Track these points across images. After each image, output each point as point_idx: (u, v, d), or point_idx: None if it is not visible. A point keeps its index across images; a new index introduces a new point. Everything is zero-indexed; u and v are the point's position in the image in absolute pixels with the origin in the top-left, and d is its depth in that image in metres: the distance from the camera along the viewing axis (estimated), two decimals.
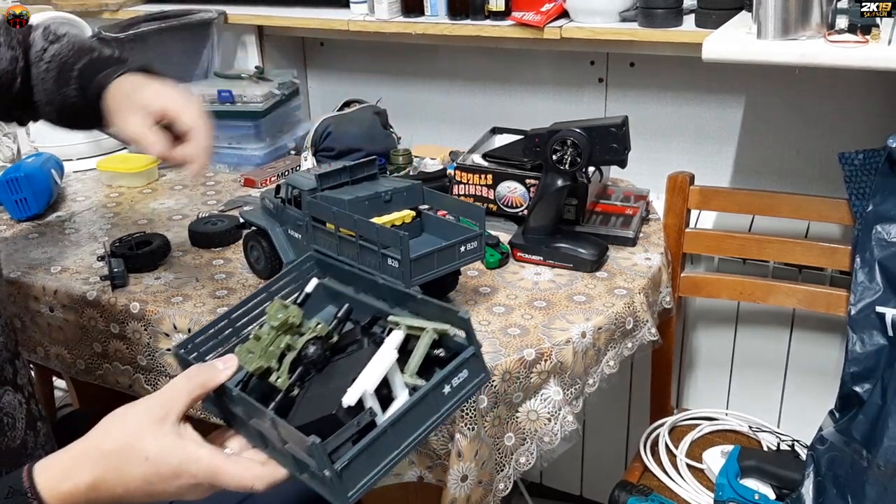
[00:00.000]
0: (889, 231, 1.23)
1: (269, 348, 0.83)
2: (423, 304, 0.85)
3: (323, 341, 0.85)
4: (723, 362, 1.67)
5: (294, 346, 0.83)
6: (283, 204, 1.20)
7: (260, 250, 1.26)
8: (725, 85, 1.66)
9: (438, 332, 0.80)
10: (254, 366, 0.81)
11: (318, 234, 1.15)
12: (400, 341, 0.80)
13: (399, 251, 1.04)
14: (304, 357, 0.83)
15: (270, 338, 0.83)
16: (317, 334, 0.85)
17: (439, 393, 0.76)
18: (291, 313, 0.85)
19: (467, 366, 0.78)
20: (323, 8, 1.90)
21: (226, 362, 0.81)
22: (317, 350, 0.83)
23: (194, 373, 0.79)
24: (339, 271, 0.96)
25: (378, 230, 1.06)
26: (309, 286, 0.93)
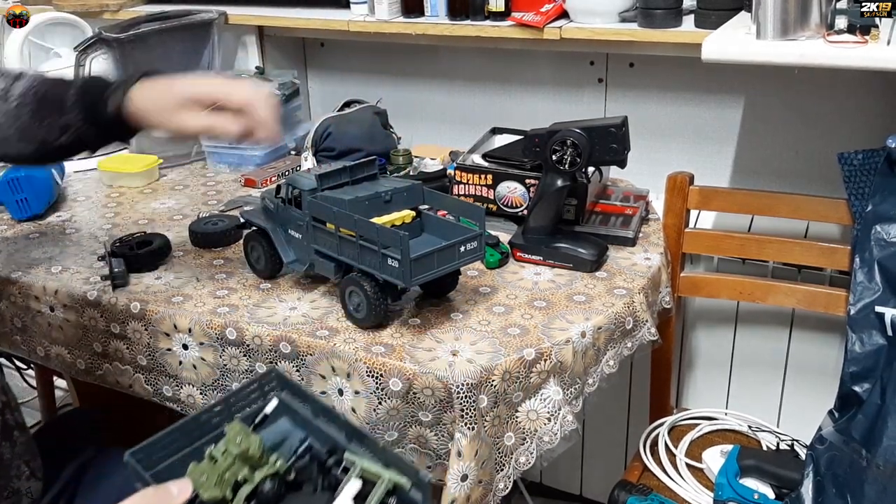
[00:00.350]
0: (888, 231, 1.24)
1: (224, 475, 0.82)
2: (381, 450, 0.86)
3: (280, 478, 0.85)
4: (722, 362, 1.67)
5: (250, 479, 0.83)
6: (284, 204, 1.20)
7: (260, 250, 1.26)
8: (725, 85, 1.66)
9: (394, 483, 0.81)
10: (208, 494, 0.81)
11: (319, 234, 1.15)
12: (356, 492, 0.81)
13: (399, 251, 1.04)
14: (259, 493, 0.83)
15: (227, 464, 0.83)
16: (276, 470, 0.85)
17: None
18: (252, 443, 0.85)
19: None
20: (323, 8, 1.90)
21: (181, 488, 0.80)
22: (272, 488, 0.83)
23: (149, 495, 0.78)
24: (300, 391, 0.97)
25: (378, 230, 1.07)
26: (269, 406, 0.94)
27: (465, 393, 1.03)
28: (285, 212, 1.21)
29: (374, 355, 1.08)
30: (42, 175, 1.58)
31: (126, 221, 1.54)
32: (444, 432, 1.07)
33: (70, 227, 1.53)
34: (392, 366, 1.06)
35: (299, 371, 1.14)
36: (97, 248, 1.42)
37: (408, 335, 1.13)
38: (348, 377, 1.10)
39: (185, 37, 1.85)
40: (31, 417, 2.37)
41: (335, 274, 1.17)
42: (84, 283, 1.30)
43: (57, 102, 1.11)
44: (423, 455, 1.10)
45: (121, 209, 1.60)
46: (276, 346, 1.14)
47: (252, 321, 1.17)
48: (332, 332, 1.14)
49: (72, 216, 1.58)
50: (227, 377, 1.21)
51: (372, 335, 1.13)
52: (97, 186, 1.73)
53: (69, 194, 1.70)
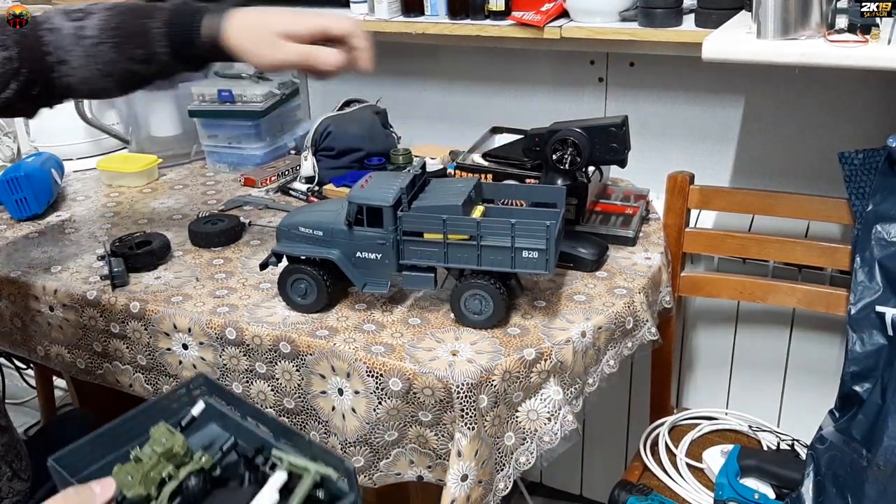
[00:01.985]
0: (889, 230, 1.24)
1: (149, 474, 0.82)
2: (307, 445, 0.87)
3: (205, 474, 0.85)
4: (722, 362, 1.67)
5: (175, 476, 0.83)
6: (350, 227, 1.14)
7: (310, 283, 1.17)
8: (725, 85, 1.66)
9: (321, 475, 0.83)
10: (132, 492, 0.81)
11: (411, 247, 1.12)
12: (282, 483, 0.82)
13: (544, 241, 1.07)
14: (184, 489, 0.83)
15: (152, 463, 0.83)
16: (201, 466, 0.85)
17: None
18: (176, 441, 0.85)
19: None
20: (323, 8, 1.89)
21: (103, 486, 0.79)
22: (198, 483, 0.84)
23: (71, 495, 0.77)
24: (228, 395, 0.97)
25: (514, 226, 1.07)
26: (196, 408, 0.94)
27: (465, 393, 1.03)
28: (353, 234, 1.14)
29: (374, 355, 1.08)
30: (41, 175, 1.58)
31: (125, 221, 1.54)
32: (444, 432, 1.07)
33: (69, 226, 1.53)
34: (392, 366, 1.06)
35: (299, 371, 1.14)
36: (97, 247, 1.42)
37: (408, 335, 1.13)
38: (348, 377, 1.10)
39: None
40: (31, 417, 2.37)
41: (433, 286, 1.15)
42: (83, 282, 1.30)
43: (140, 35, 1.09)
44: (423, 455, 1.10)
45: (120, 209, 1.60)
46: (276, 345, 1.14)
47: (252, 321, 1.17)
48: (331, 332, 1.14)
49: (71, 216, 1.58)
50: (226, 377, 1.20)
51: (372, 335, 1.13)
52: (97, 186, 1.73)
53: (69, 194, 1.69)
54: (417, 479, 1.12)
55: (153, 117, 1.84)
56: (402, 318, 1.17)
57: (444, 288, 1.19)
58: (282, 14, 1.08)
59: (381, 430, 1.09)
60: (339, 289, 1.20)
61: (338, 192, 1.57)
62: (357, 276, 1.16)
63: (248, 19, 1.08)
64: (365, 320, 1.17)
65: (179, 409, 0.93)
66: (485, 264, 1.10)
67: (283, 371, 1.15)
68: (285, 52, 1.06)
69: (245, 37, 1.07)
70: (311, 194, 1.60)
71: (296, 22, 1.07)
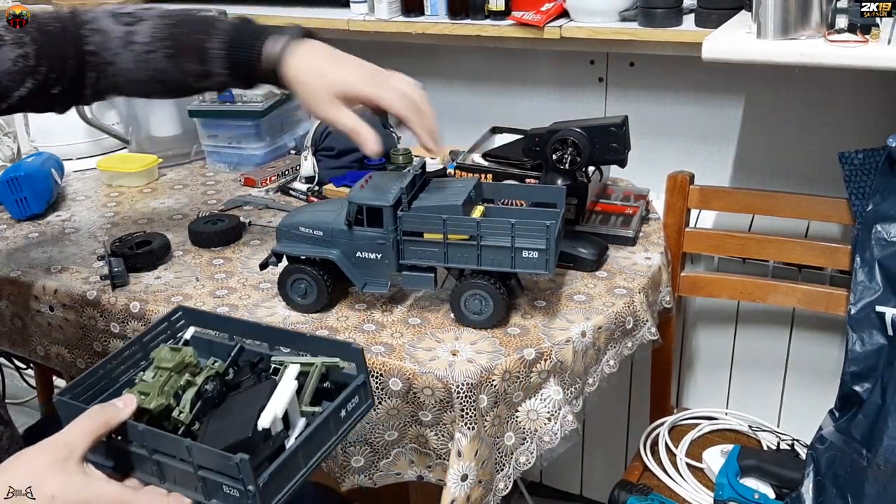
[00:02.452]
0: (889, 230, 1.24)
1: (164, 388, 0.85)
2: (312, 341, 0.91)
3: (220, 378, 0.88)
4: (723, 362, 1.67)
5: (193, 382, 0.86)
6: (350, 227, 1.14)
7: (310, 283, 1.17)
8: (725, 84, 1.66)
9: (327, 366, 0.88)
10: (154, 403, 0.84)
11: (411, 247, 1.12)
12: (296, 373, 0.86)
13: (544, 240, 1.07)
14: (203, 393, 0.86)
15: (164, 378, 0.86)
16: (216, 371, 0.88)
17: (337, 416, 0.83)
18: (186, 353, 0.88)
19: (357, 392, 0.86)
20: (323, 7, 1.90)
21: (125, 401, 0.81)
22: (216, 386, 0.87)
23: (97, 412, 0.79)
24: (211, 319, 0.98)
25: (514, 226, 1.07)
26: (187, 333, 0.95)
27: (465, 393, 1.03)
28: (353, 234, 1.14)
29: (374, 355, 1.08)
30: (41, 174, 1.58)
31: (125, 221, 1.54)
32: (444, 432, 1.07)
33: (69, 226, 1.53)
34: (392, 365, 1.06)
35: None
36: (96, 247, 1.42)
37: (408, 335, 1.13)
38: None
39: None
40: (31, 417, 2.37)
41: (433, 286, 1.15)
42: (83, 282, 1.30)
43: (197, 52, 1.09)
44: (423, 455, 1.10)
45: (120, 209, 1.60)
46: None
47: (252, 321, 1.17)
48: (332, 332, 1.14)
49: (71, 216, 1.58)
50: None
51: (372, 335, 1.13)
52: (96, 186, 1.73)
53: (68, 194, 1.69)
54: (417, 479, 1.12)
55: (153, 117, 1.84)
56: (402, 318, 1.17)
57: (444, 288, 1.19)
58: (344, 67, 1.08)
59: (381, 429, 1.09)
60: (339, 289, 1.20)
61: (338, 192, 1.57)
62: (357, 276, 1.16)
63: (310, 63, 1.07)
64: (365, 320, 1.17)
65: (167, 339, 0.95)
66: (485, 264, 1.10)
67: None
68: (335, 115, 1.06)
69: (301, 83, 1.07)
70: (311, 194, 1.60)
71: (354, 85, 1.07)
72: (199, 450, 0.76)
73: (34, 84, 1.08)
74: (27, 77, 1.07)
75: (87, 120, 1.80)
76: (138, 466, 0.81)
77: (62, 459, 0.75)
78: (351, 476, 1.12)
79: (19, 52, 1.06)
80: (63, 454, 0.75)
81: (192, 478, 0.78)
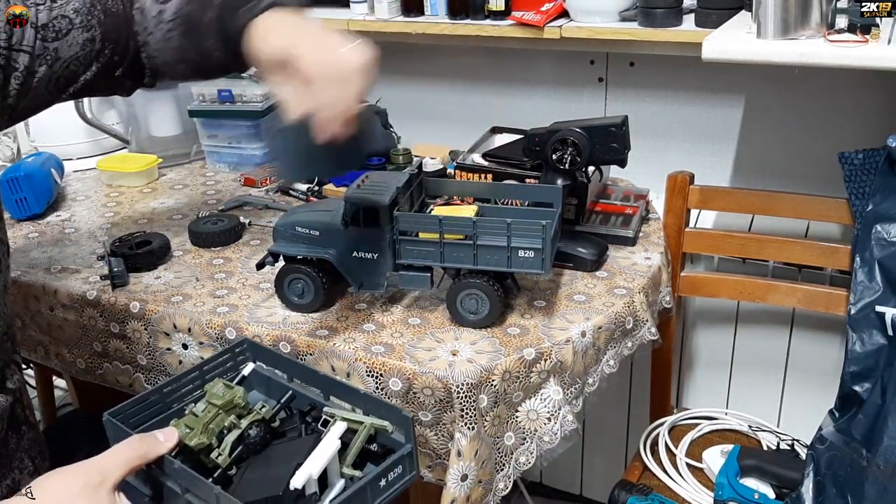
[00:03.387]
0: (889, 230, 1.23)
1: (209, 425, 0.85)
2: (363, 399, 0.89)
3: (265, 424, 0.87)
4: (722, 362, 1.67)
5: (238, 425, 0.86)
6: (346, 226, 1.13)
7: (307, 283, 1.17)
8: (725, 84, 1.66)
9: (376, 428, 0.86)
10: (195, 441, 0.83)
11: (408, 246, 1.12)
12: (342, 431, 0.85)
13: (540, 240, 1.06)
14: (245, 438, 0.85)
15: (211, 415, 0.85)
16: (262, 416, 0.88)
17: (376, 486, 0.81)
18: (237, 394, 0.88)
19: (402, 462, 0.84)
20: (323, 7, 1.90)
21: (167, 435, 0.81)
22: (259, 432, 0.86)
23: (136, 443, 0.79)
24: (273, 357, 0.97)
25: (510, 225, 1.07)
26: (246, 369, 0.95)
27: (465, 393, 1.03)
28: (349, 234, 1.13)
29: (374, 355, 1.08)
30: (41, 174, 1.58)
31: (125, 221, 1.54)
32: (444, 432, 1.07)
33: (69, 226, 1.53)
34: (392, 365, 1.06)
35: None
36: (96, 247, 1.42)
37: (408, 335, 1.13)
38: (348, 377, 1.10)
39: None
40: None
41: (430, 285, 1.15)
42: (83, 282, 1.30)
43: (196, 24, 1.03)
44: (423, 455, 1.10)
45: (120, 209, 1.60)
46: (276, 345, 1.14)
47: (252, 321, 1.17)
48: (331, 332, 1.14)
49: (71, 216, 1.58)
50: None
51: (371, 335, 1.13)
52: (96, 186, 1.73)
53: (68, 194, 1.69)
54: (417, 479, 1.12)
55: (153, 117, 1.84)
56: (401, 318, 1.17)
57: (442, 288, 1.19)
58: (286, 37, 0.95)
59: None
60: (337, 289, 1.20)
61: (338, 191, 1.57)
62: (354, 275, 1.16)
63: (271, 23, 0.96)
64: (364, 320, 1.17)
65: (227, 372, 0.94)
66: (481, 264, 1.10)
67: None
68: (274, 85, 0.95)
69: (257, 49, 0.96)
70: (310, 194, 1.60)
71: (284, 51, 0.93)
72: (227, 498, 0.76)
73: (99, 67, 1.06)
74: (94, 61, 1.05)
75: (87, 120, 1.80)
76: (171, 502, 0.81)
77: (94, 486, 0.75)
78: None
79: (87, 35, 1.04)
80: (96, 480, 0.75)
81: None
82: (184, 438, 0.83)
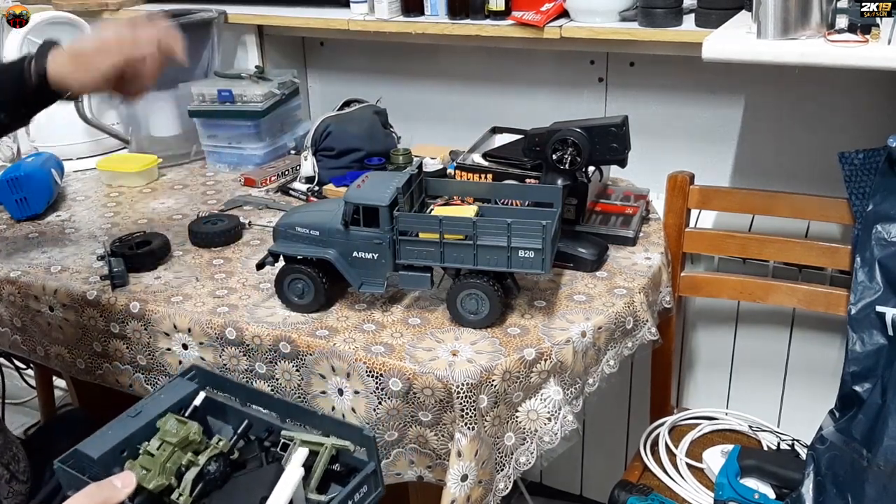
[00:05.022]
0: (889, 230, 1.23)
1: (166, 465, 0.82)
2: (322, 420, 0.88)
3: (224, 458, 0.85)
4: (723, 362, 1.67)
5: (195, 462, 0.84)
6: (346, 227, 1.14)
7: (307, 283, 1.17)
8: (725, 85, 1.66)
9: (337, 448, 0.84)
10: (153, 483, 0.81)
11: (407, 246, 1.12)
12: (304, 458, 0.83)
13: (540, 240, 1.06)
14: (205, 474, 0.83)
15: (167, 454, 0.83)
16: (220, 451, 0.86)
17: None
18: (191, 429, 0.85)
19: (367, 482, 0.83)
20: (323, 7, 1.90)
21: (124, 480, 0.79)
22: (218, 467, 0.84)
23: (94, 492, 0.77)
24: (223, 383, 0.96)
25: (510, 225, 1.07)
26: (197, 399, 0.93)
27: (465, 393, 1.03)
28: (350, 234, 1.13)
29: (374, 355, 1.08)
30: (41, 174, 1.58)
31: (125, 221, 1.54)
32: (444, 432, 1.07)
33: (69, 226, 1.53)
34: (392, 365, 1.06)
35: (299, 371, 1.14)
36: (96, 247, 1.42)
37: (408, 335, 1.13)
38: (348, 377, 1.10)
39: (184, 36, 1.84)
40: (31, 417, 2.37)
41: (430, 285, 1.15)
42: (83, 282, 1.30)
43: None
44: (423, 455, 1.10)
45: (120, 209, 1.60)
46: (276, 345, 1.14)
47: (252, 321, 1.17)
48: (331, 332, 1.14)
49: (71, 216, 1.58)
50: None
51: (372, 335, 1.13)
52: (96, 186, 1.73)
53: (68, 194, 1.69)
54: (417, 479, 1.12)
55: (153, 117, 1.84)
56: (401, 318, 1.17)
57: (442, 288, 1.19)
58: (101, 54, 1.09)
59: (381, 430, 1.09)
60: (337, 289, 1.20)
61: (338, 192, 1.57)
62: (354, 275, 1.16)
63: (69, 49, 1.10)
64: (365, 320, 1.17)
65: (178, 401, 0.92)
66: (481, 264, 1.10)
67: (283, 371, 1.15)
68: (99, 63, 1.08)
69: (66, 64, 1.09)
70: (310, 194, 1.60)
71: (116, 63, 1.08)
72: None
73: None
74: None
75: (87, 120, 1.80)
76: None
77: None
78: None
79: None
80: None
81: None
82: (141, 481, 0.80)
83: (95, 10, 2.05)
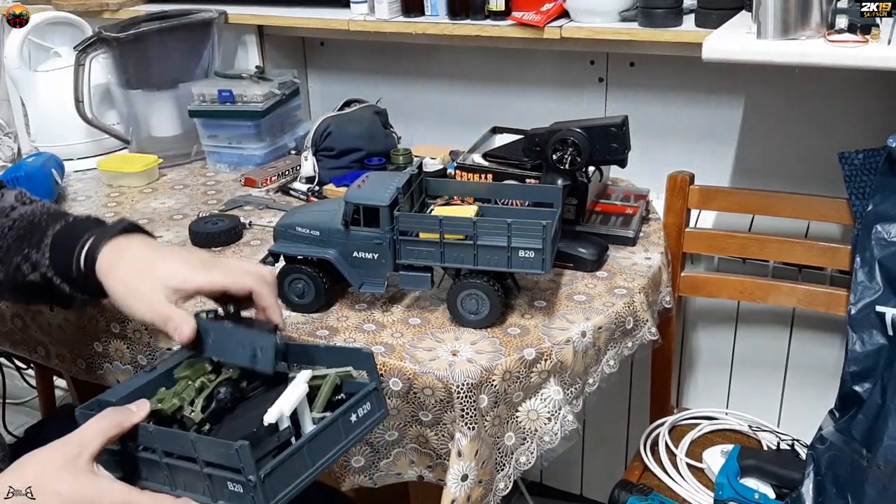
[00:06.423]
0: (889, 230, 1.24)
1: (182, 393, 0.87)
2: (325, 352, 0.92)
3: (234, 385, 0.89)
4: (723, 362, 1.67)
5: (207, 385, 0.88)
6: (346, 227, 1.13)
7: (307, 283, 1.17)
8: (725, 85, 1.66)
9: (340, 377, 0.88)
10: (167, 404, 0.85)
11: (407, 246, 1.12)
12: (307, 378, 0.86)
13: (540, 240, 1.06)
14: (216, 394, 0.87)
15: (182, 385, 0.88)
16: (229, 376, 0.90)
17: (347, 420, 0.83)
18: (204, 364, 0.90)
19: (370, 399, 0.86)
20: (323, 7, 1.90)
21: (139, 406, 0.83)
22: (228, 391, 0.88)
23: (109, 413, 0.80)
24: None
25: (510, 226, 1.07)
26: None
27: (466, 393, 1.03)
28: (350, 234, 1.13)
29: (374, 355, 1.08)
30: (42, 175, 1.58)
31: None
32: (444, 432, 1.07)
33: None
34: (392, 365, 1.06)
35: None
36: None
37: (408, 335, 1.13)
38: None
39: (184, 36, 1.85)
40: (31, 417, 2.37)
41: (430, 285, 1.15)
42: None
43: (37, 234, 1.00)
44: (424, 455, 1.10)
45: (121, 209, 1.60)
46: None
47: None
48: (332, 332, 1.14)
49: None
50: None
51: (372, 335, 1.13)
52: (97, 186, 1.73)
53: (69, 194, 1.69)
54: (417, 479, 1.12)
55: (153, 117, 1.84)
56: (402, 318, 1.17)
57: (442, 288, 1.19)
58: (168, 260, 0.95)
59: (381, 429, 1.09)
60: (337, 289, 1.20)
61: (338, 192, 1.57)
62: (354, 275, 1.16)
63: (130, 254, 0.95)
64: (365, 320, 1.17)
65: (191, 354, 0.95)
66: (481, 264, 1.10)
67: None
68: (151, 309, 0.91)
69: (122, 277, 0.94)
70: (311, 194, 1.60)
71: (187, 277, 0.93)
72: (203, 442, 0.77)
73: None
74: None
75: (88, 120, 1.80)
76: (149, 475, 0.82)
77: (73, 457, 0.76)
78: (351, 476, 1.12)
79: None
80: (74, 452, 0.76)
81: (199, 480, 0.78)
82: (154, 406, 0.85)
83: (95, 10, 2.06)
